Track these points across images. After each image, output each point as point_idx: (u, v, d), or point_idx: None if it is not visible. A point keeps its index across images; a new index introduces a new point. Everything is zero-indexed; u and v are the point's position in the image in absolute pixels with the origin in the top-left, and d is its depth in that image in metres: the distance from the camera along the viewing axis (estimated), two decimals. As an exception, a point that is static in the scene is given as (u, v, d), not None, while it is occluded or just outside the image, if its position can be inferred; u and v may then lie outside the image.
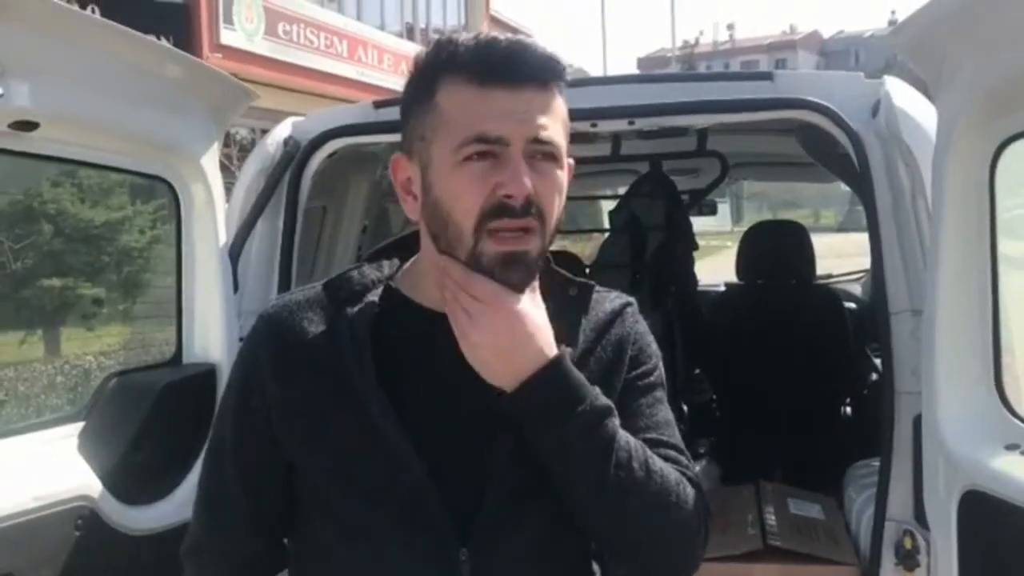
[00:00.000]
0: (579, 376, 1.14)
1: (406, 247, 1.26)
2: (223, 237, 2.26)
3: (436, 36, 1.26)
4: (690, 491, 1.18)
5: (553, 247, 1.24)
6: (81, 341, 7.62)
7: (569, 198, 1.20)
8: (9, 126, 1.68)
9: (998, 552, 1.61)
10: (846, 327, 3.47)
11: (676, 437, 1.25)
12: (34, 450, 1.86)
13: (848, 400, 3.64)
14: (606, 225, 4.02)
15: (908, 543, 1.95)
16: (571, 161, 1.19)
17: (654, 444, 1.19)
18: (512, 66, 1.11)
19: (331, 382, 1.16)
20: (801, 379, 3.40)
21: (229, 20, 13.31)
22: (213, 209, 2.23)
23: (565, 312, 1.20)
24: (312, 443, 1.17)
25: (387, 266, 1.26)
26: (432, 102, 1.13)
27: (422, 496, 1.13)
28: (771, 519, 2.46)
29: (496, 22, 22.36)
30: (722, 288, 4.30)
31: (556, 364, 1.13)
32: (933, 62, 1.74)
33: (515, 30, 23.43)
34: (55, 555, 1.75)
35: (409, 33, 18.53)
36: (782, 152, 3.31)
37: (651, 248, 3.56)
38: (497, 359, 1.12)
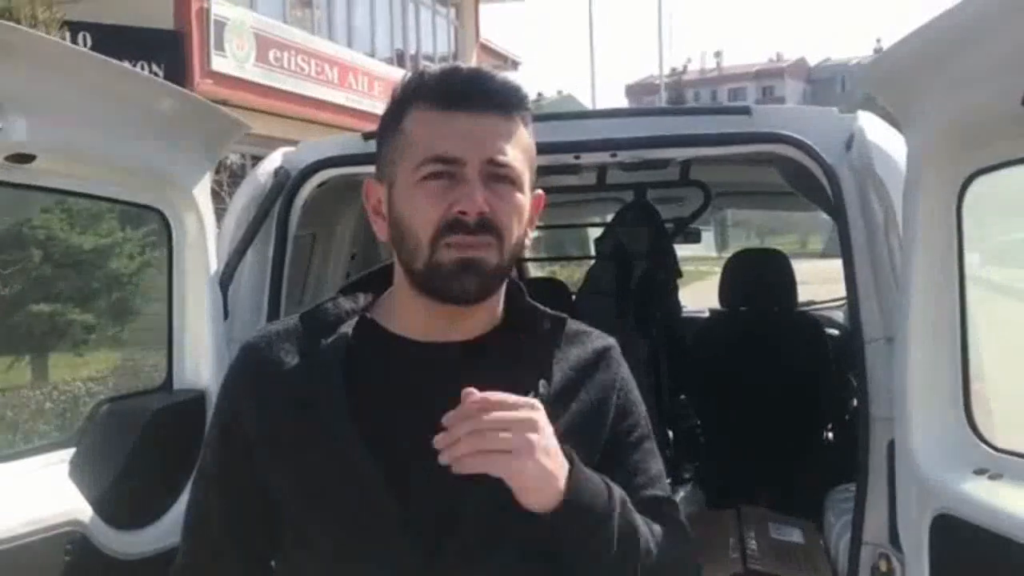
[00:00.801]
0: (591, 471, 1.14)
1: (384, 279, 1.28)
2: (214, 265, 2.30)
3: (426, 63, 1.31)
4: (685, 549, 1.24)
5: (541, 274, 1.27)
6: (70, 367, 7.58)
7: (557, 226, 1.25)
8: (6, 159, 1.72)
9: (968, 574, 1.65)
10: (827, 353, 3.51)
11: (667, 487, 1.29)
12: (24, 476, 1.88)
13: (830, 425, 3.68)
14: (593, 252, 4.07)
15: (884, 566, 1.98)
16: (540, 191, 1.23)
17: (654, 501, 1.23)
18: (473, 91, 1.16)
19: (303, 412, 1.17)
20: (784, 405, 3.44)
21: (220, 47, 13.39)
22: (204, 238, 2.27)
23: (538, 346, 1.22)
24: (287, 473, 1.19)
25: (362, 297, 1.28)
26: (399, 127, 1.19)
27: (390, 525, 1.14)
28: (752, 543, 2.50)
29: (486, 49, 22.49)
30: (706, 315, 4.35)
31: (578, 469, 1.11)
32: (902, 99, 1.80)
33: (505, 57, 23.59)
34: (45, 580, 1.77)
35: (400, 60, 18.62)
36: (763, 182, 3.37)
37: (636, 275, 3.61)
38: (551, 479, 1.07)
